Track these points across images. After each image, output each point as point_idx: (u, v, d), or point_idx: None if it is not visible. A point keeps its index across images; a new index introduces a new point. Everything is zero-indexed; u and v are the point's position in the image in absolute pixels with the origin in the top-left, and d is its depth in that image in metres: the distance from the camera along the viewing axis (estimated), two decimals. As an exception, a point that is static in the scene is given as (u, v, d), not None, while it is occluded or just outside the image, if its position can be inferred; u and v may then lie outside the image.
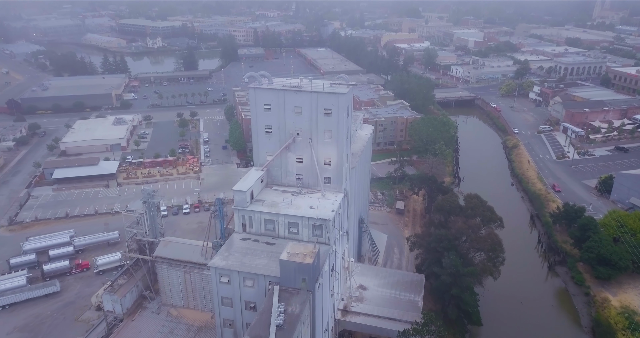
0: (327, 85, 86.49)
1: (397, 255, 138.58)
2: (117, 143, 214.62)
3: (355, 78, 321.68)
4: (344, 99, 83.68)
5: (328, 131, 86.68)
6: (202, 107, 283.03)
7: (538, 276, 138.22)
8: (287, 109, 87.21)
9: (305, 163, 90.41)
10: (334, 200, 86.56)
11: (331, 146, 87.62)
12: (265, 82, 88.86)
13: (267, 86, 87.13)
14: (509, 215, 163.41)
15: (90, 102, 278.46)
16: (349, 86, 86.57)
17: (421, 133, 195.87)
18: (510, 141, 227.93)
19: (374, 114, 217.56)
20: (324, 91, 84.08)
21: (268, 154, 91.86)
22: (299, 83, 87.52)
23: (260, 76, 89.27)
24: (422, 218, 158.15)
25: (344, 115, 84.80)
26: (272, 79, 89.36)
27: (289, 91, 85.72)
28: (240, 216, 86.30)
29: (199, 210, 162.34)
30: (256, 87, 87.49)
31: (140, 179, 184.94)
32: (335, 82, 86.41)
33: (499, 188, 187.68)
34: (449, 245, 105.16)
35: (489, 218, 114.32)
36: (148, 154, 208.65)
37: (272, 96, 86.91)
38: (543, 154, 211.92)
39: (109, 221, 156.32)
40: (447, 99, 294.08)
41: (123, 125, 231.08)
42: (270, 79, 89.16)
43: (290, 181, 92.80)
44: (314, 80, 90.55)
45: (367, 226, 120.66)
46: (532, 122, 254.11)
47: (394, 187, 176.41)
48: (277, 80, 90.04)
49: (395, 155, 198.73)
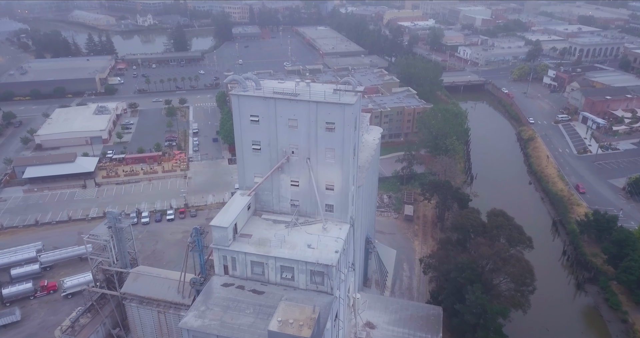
0: (330, 91, 68.50)
1: (407, 272, 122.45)
2: (98, 136, 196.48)
3: (357, 60, 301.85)
4: (350, 111, 65.84)
5: (330, 150, 69.12)
6: (192, 92, 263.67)
7: (565, 294, 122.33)
8: (279, 122, 69.43)
9: (302, 187, 73.12)
10: (337, 237, 69.45)
11: (334, 168, 70.18)
12: (251, 88, 70.78)
13: (253, 93, 69.04)
14: (527, 219, 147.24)
15: (72, 87, 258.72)
16: (357, 93, 68.47)
17: (431, 125, 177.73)
18: (525, 133, 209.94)
19: (378, 103, 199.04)
20: (326, 100, 66.15)
21: (256, 175, 74.47)
22: (294, 89, 69.48)
23: (245, 79, 71.11)
24: (434, 226, 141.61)
25: (350, 130, 67.14)
26: (260, 83, 71.11)
27: (282, 100, 67.77)
28: (220, 256, 69.37)
29: (185, 216, 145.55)
30: (239, 95, 69.41)
31: (121, 178, 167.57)
32: (339, 89, 68.28)
33: (515, 187, 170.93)
34: (472, 275, 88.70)
35: (517, 239, 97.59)
36: (132, 148, 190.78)
37: (261, 105, 68.99)
38: (562, 148, 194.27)
39: (83, 230, 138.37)
40: (455, 84, 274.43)
41: (105, 114, 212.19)
42: (258, 82, 70.98)
43: (283, 208, 75.64)
44: (313, 84, 72.42)
45: (375, 247, 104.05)
46: (547, 110, 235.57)
47: (402, 188, 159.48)
48: (266, 84, 71.87)
49: (401, 149, 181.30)
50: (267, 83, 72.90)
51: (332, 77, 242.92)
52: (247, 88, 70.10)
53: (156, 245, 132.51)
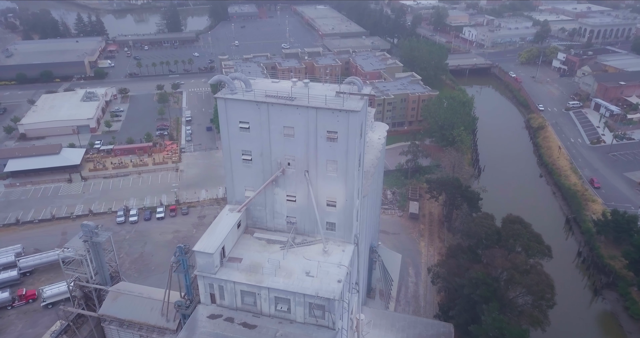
0: (331, 94, 58.74)
1: (413, 278, 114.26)
2: (86, 124, 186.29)
3: (358, 42, 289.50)
4: (356, 119, 56.27)
5: (332, 162, 59.75)
6: (186, 76, 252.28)
7: (580, 300, 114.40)
8: (272, 130, 59.88)
9: (299, 203, 63.98)
10: (340, 263, 60.54)
11: (337, 182, 60.94)
12: (240, 89, 60.94)
13: (242, 97, 59.24)
14: (538, 216, 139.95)
15: (60, 71, 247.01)
16: (363, 96, 58.69)
17: (437, 114, 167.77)
18: (535, 121, 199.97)
19: (381, 90, 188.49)
20: (327, 106, 56.44)
21: (247, 188, 65.23)
22: (290, 91, 59.60)
23: (233, 79, 61.25)
24: (441, 225, 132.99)
25: (355, 139, 57.67)
26: (251, 84, 61.22)
27: (276, 105, 58.04)
28: (206, 284, 60.64)
29: (176, 214, 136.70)
30: (226, 98, 59.61)
31: (109, 171, 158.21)
32: (342, 92, 58.47)
33: (525, 181, 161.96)
34: (487, 292, 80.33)
35: (535, 249, 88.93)
36: (121, 137, 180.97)
37: (251, 110, 59.33)
38: (574, 137, 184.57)
39: (67, 229, 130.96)
40: (460, 68, 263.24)
41: (94, 101, 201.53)
42: (248, 83, 61.10)
43: (278, 225, 66.61)
44: (313, 85, 62.50)
45: (380, 256, 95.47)
46: (557, 96, 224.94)
47: (407, 183, 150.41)
48: (258, 85, 62.01)
49: (406, 138, 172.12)
50: (259, 83, 63.09)
51: (332, 60, 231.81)
52: (235, 90, 60.32)
53: (144, 247, 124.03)
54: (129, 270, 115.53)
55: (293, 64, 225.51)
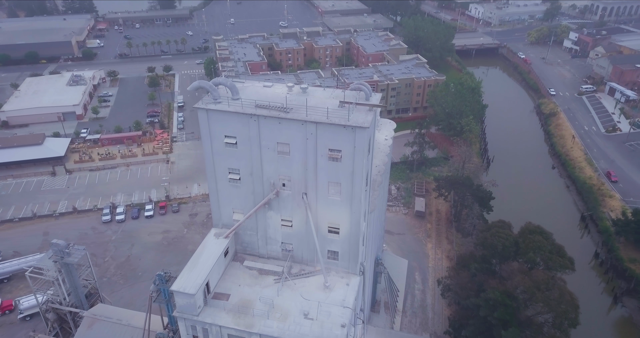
0: (334, 103, 49.11)
1: (420, 284, 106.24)
2: (72, 111, 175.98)
3: (360, 20, 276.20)
4: (364, 136, 46.73)
5: (335, 184, 50.54)
6: (179, 57, 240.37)
7: (598, 306, 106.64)
8: (264, 147, 50.43)
9: (296, 228, 55.00)
10: (344, 301, 51.86)
11: (340, 207, 51.86)
12: (225, 96, 51.17)
13: (228, 107, 49.54)
14: (551, 212, 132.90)
15: (46, 51, 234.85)
16: (372, 108, 49.02)
17: (444, 102, 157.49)
18: (546, 106, 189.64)
19: (384, 74, 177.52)
20: (329, 121, 46.85)
21: (236, 210, 56.07)
22: (285, 98, 49.89)
23: (216, 85, 51.42)
24: (449, 224, 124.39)
25: (362, 159, 48.33)
26: (238, 90, 51.41)
27: (268, 118, 48.39)
28: (188, 326, 52.02)
29: (166, 212, 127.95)
30: (208, 109, 49.91)
31: (95, 163, 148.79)
32: (347, 102, 48.76)
33: (537, 173, 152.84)
34: (506, 314, 72.17)
35: (557, 263, 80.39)
36: (109, 125, 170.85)
37: (239, 123, 49.79)
38: (588, 124, 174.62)
39: (49, 229, 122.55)
40: (467, 48, 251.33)
41: (80, 85, 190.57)
42: (234, 89, 51.28)
43: (272, 252, 57.77)
44: (312, 90, 52.72)
45: (385, 268, 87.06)
46: (569, 79, 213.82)
47: (412, 176, 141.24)
48: (247, 90, 52.34)
49: (410, 126, 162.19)
50: (248, 89, 53.27)
51: (332, 41, 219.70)
52: (219, 98, 50.54)
53: (132, 249, 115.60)
54: (114, 276, 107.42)
55: (291, 45, 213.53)
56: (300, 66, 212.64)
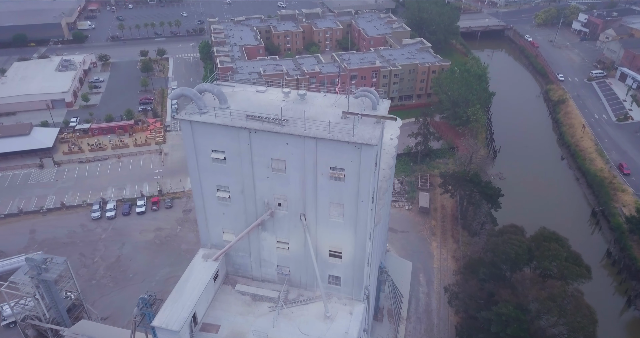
0: (337, 114, 42.79)
1: (425, 287, 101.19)
2: (61, 98, 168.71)
3: (361, 1, 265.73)
4: (370, 154, 40.50)
5: (337, 206, 44.58)
6: (173, 40, 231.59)
7: (610, 310, 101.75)
8: (256, 163, 44.26)
9: (293, 251, 49.24)
10: (347, 335, 46.36)
11: (343, 230, 46.00)
12: (211, 105, 44.76)
13: (214, 119, 43.17)
14: (560, 206, 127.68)
15: (34, 34, 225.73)
16: (380, 120, 42.67)
17: (450, 89, 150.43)
18: (554, 93, 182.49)
19: (386, 59, 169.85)
20: (331, 136, 40.53)
21: (226, 230, 50.18)
22: (280, 107, 43.52)
23: (201, 92, 44.95)
24: (454, 221, 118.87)
25: (368, 177, 42.28)
26: (226, 98, 44.96)
27: (260, 132, 42.07)
28: (173, 362, 46.57)
29: (158, 208, 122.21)
30: (192, 121, 43.54)
31: (85, 155, 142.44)
32: (352, 113, 42.40)
33: (545, 164, 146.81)
34: (519, 331, 67.10)
35: (574, 273, 74.98)
36: (100, 113, 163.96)
37: (227, 137, 43.56)
38: (599, 112, 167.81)
39: (36, 227, 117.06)
40: (472, 30, 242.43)
41: (70, 71, 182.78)
42: (222, 97, 44.88)
43: (267, 275, 52.14)
44: (311, 96, 46.31)
45: (389, 275, 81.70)
46: (579, 63, 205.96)
47: (416, 169, 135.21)
48: (236, 96, 46.01)
49: (413, 113, 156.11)
50: (238, 94, 46.86)
51: (332, 23, 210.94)
52: (204, 108, 44.13)
53: (122, 249, 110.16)
54: (103, 279, 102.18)
55: (290, 27, 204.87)
56: (299, 50, 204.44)
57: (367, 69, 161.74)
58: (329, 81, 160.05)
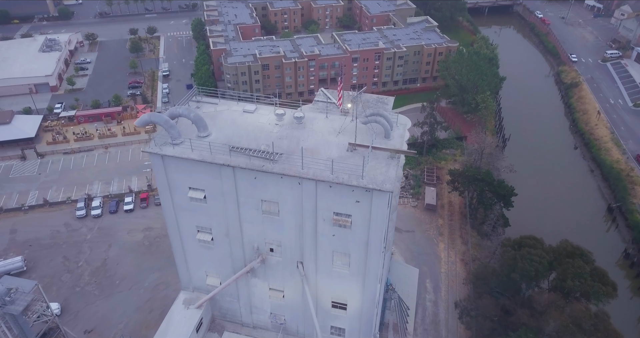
0: (342, 144, 34.61)
1: (432, 294, 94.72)
2: (45, 82, 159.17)
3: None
4: (384, 200, 32.54)
5: (343, 255, 37.09)
6: (164, 17, 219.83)
7: (627, 316, 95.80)
8: (243, 204, 36.49)
9: (289, 299, 41.95)
10: None
11: (349, 281, 38.68)
12: (188, 135, 36.52)
13: (190, 154, 35.01)
14: (573, 200, 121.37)
15: (18, 10, 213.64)
16: (396, 155, 34.57)
17: (458, 74, 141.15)
18: (566, 75, 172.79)
19: (390, 40, 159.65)
20: (336, 179, 32.55)
21: (210, 274, 42.67)
22: (272, 135, 35.31)
23: (174, 118, 36.68)
24: (462, 219, 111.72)
25: (381, 225, 34.39)
26: (205, 124, 36.70)
27: (247, 171, 33.99)
28: None
29: (147, 205, 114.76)
30: (164, 155, 35.39)
31: (70, 145, 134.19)
32: (360, 145, 34.26)
33: (557, 154, 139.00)
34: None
35: (599, 292, 68.13)
36: (87, 97, 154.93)
37: (207, 175, 35.54)
38: (614, 97, 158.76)
39: (17, 226, 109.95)
40: (479, 5, 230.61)
41: (55, 51, 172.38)
42: (201, 122, 36.75)
43: (259, 321, 45.02)
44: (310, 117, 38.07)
45: (396, 292, 74.89)
46: (592, 42, 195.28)
47: (421, 161, 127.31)
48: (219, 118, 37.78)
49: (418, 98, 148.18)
50: (222, 115, 38.71)
51: None
52: (178, 137, 35.93)
53: (109, 251, 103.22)
54: (88, 285, 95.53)
55: (287, 4, 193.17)
56: (298, 28, 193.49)
57: (370, 51, 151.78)
58: (329, 63, 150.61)
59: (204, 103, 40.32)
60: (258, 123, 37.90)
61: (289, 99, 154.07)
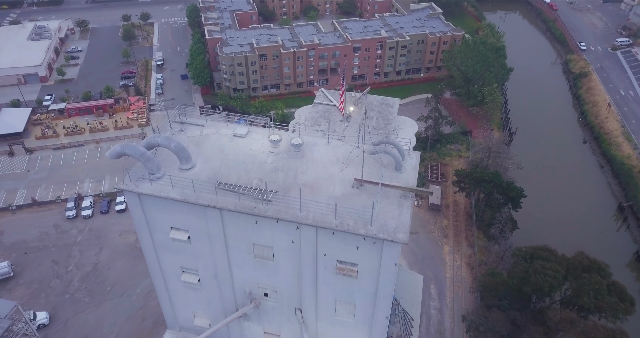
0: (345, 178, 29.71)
1: (437, 301, 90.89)
2: (34, 72, 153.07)
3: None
4: (395, 251, 27.76)
5: (347, 304, 32.42)
6: (158, 2, 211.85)
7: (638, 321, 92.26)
8: (233, 247, 31.74)
9: (286, 343, 37.34)
10: None
11: (354, 330, 34.08)
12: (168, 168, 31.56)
13: (169, 192, 30.11)
14: (582, 196, 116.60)
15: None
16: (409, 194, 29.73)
17: (463, 65, 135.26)
18: (575, 64, 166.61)
19: (393, 28, 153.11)
20: (340, 226, 27.72)
21: (197, 314, 38.16)
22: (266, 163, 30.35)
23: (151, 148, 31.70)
24: (468, 219, 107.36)
25: (392, 274, 29.69)
26: (188, 155, 31.71)
27: (234, 214, 29.14)
28: None
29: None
30: (141, 193, 30.50)
31: (60, 140, 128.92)
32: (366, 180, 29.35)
33: (565, 148, 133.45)
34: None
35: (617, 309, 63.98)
36: (78, 88, 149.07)
37: (190, 215, 30.69)
38: (625, 88, 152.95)
39: (5, 227, 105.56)
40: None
41: (44, 39, 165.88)
42: (183, 153, 31.57)
43: (254, 363, 40.48)
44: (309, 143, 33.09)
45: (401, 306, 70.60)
46: (601, 29, 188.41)
47: (425, 157, 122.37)
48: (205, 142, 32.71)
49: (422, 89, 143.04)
50: (209, 140, 33.70)
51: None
52: (156, 171, 31.01)
53: (100, 255, 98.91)
54: (78, 292, 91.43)
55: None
56: (297, 15, 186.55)
57: (372, 41, 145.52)
58: (330, 53, 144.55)
59: (189, 125, 35.32)
60: (250, 151, 32.98)
61: (288, 91, 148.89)
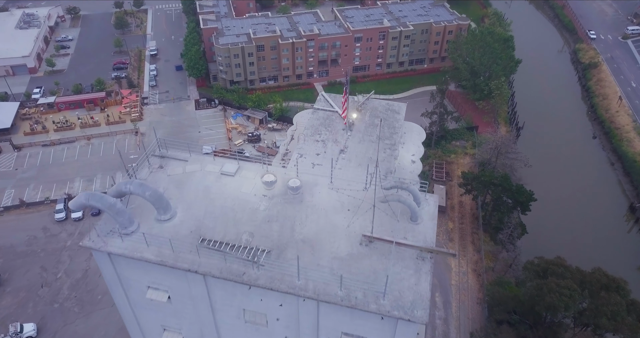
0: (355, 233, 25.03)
1: (442, 311, 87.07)
2: (22, 64, 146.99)
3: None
4: (410, 331, 23.21)
5: (352, 373, 27.73)
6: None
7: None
8: (220, 311, 27.08)
9: None
10: None
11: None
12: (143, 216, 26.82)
13: (142, 253, 25.39)
14: (591, 195, 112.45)
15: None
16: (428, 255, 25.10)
17: (470, 56, 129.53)
18: (584, 54, 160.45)
19: (396, 16, 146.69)
20: (346, 301, 23.07)
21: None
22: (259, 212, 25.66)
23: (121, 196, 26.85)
24: (474, 222, 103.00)
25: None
26: (168, 204, 26.89)
27: (221, 282, 24.48)
28: None
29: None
30: (112, 253, 25.77)
31: (50, 136, 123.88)
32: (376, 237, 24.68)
33: (573, 143, 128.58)
34: None
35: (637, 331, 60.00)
36: (68, 80, 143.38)
37: (169, 276, 25.98)
38: (636, 79, 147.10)
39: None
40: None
41: (33, 28, 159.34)
42: (162, 202, 26.76)
43: None
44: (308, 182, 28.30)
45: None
46: (612, 17, 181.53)
47: (429, 154, 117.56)
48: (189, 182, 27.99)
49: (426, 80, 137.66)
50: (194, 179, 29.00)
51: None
52: (129, 225, 26.23)
53: (90, 260, 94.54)
54: (67, 301, 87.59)
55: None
56: (296, 2, 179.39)
57: (374, 30, 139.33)
58: (330, 44, 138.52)
59: (170, 159, 30.51)
60: (240, 194, 28.28)
61: (287, 83, 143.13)
